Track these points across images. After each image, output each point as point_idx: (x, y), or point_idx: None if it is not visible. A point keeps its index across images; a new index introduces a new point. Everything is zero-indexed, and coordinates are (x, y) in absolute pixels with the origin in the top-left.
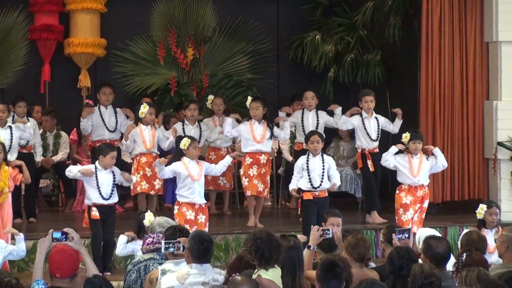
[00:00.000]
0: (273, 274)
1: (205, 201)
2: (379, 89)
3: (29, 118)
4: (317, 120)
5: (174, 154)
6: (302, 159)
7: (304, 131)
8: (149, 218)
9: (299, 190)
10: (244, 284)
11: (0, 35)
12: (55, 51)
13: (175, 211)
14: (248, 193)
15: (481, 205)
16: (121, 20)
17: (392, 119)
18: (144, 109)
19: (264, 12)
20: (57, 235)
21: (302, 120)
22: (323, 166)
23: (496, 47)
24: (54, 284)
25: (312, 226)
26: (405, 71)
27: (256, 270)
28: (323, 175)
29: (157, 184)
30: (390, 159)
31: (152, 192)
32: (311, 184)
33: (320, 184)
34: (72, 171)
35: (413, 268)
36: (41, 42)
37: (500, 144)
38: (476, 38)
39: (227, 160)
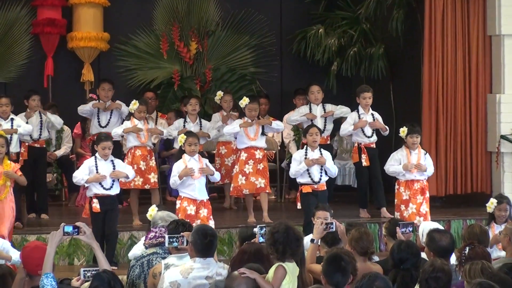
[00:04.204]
0: (288, 268)
1: (207, 197)
2: (382, 82)
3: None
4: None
5: (177, 152)
6: (300, 153)
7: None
8: (151, 212)
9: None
10: (238, 280)
11: (3, 29)
12: (58, 45)
13: (177, 206)
14: (246, 191)
15: (491, 200)
16: (124, 14)
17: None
18: (134, 106)
19: (267, 5)
20: (69, 229)
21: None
22: None
23: (499, 41)
24: (37, 283)
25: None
26: (408, 64)
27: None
28: (321, 169)
29: (153, 177)
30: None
31: (147, 186)
32: (311, 179)
33: (320, 179)
34: (78, 178)
35: (427, 262)
36: (44, 36)
37: (503, 137)
38: (479, 31)
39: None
